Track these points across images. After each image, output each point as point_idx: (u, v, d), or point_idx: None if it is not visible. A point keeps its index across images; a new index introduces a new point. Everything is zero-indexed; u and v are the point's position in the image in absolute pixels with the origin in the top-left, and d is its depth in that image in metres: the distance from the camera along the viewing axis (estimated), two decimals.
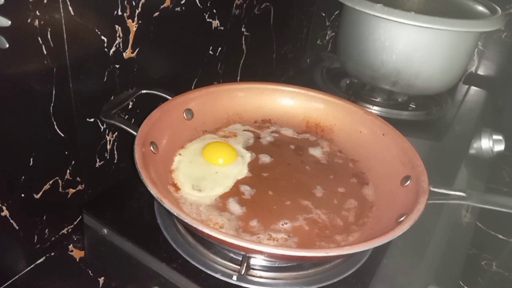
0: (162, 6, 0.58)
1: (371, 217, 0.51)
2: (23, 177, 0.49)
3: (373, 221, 0.51)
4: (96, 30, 0.50)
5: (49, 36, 0.45)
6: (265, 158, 0.59)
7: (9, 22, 0.40)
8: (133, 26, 0.55)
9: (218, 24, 0.71)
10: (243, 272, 0.43)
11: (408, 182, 0.51)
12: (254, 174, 0.56)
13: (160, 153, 0.53)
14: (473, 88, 0.99)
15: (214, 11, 0.68)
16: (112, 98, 0.57)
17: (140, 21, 0.55)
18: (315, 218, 0.50)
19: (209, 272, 0.46)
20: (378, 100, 0.84)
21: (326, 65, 0.97)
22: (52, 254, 0.57)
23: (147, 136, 0.51)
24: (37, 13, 0.43)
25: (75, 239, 0.60)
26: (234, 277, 0.46)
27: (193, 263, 0.47)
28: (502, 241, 0.81)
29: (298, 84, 0.67)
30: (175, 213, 0.41)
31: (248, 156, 0.59)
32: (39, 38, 0.44)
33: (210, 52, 0.73)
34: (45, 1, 0.43)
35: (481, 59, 1.01)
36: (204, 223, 0.43)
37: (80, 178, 0.57)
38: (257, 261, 0.46)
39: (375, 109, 0.82)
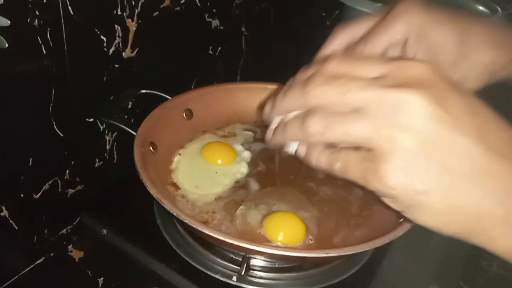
0: (161, 6, 0.58)
1: (372, 217, 0.51)
2: (22, 177, 0.49)
3: (374, 222, 0.50)
4: (96, 30, 0.50)
5: (48, 36, 0.45)
6: (265, 158, 0.59)
7: (9, 22, 0.40)
8: (132, 25, 0.54)
9: (218, 24, 0.70)
10: (243, 273, 0.43)
11: None
12: (254, 173, 0.56)
13: (160, 153, 0.53)
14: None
15: (214, 10, 0.68)
16: (111, 98, 0.56)
17: (139, 21, 0.55)
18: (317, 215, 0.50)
19: (208, 272, 0.46)
20: None
21: None
22: (52, 254, 0.57)
23: (146, 136, 0.51)
24: (37, 12, 0.43)
25: (74, 239, 0.60)
26: (234, 278, 0.46)
27: (193, 263, 0.47)
28: None
29: None
30: (174, 213, 0.41)
31: (247, 155, 0.58)
32: (39, 38, 0.44)
33: (210, 52, 0.72)
34: (44, 1, 0.43)
35: None
36: (203, 223, 0.43)
37: (79, 178, 0.57)
38: (257, 261, 0.46)
39: None
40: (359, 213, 0.52)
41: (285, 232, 0.47)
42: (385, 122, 0.25)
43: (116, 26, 0.52)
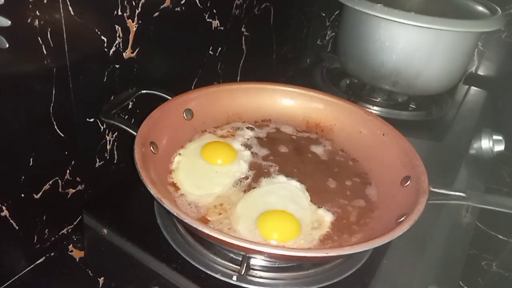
0: (162, 6, 0.58)
1: (372, 217, 0.51)
2: (23, 177, 0.49)
3: (373, 222, 0.50)
4: (96, 30, 0.50)
5: (49, 36, 0.45)
6: (265, 158, 0.59)
7: (9, 22, 0.40)
8: (133, 26, 0.55)
9: (218, 24, 0.71)
10: (243, 273, 0.43)
11: (408, 182, 0.51)
12: (254, 173, 0.56)
13: (160, 153, 0.53)
14: (473, 88, 0.99)
15: (214, 11, 0.68)
16: (112, 98, 0.57)
17: (140, 21, 0.55)
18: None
19: (209, 272, 0.46)
20: (378, 100, 0.84)
21: (326, 65, 0.96)
22: (52, 254, 0.57)
23: (147, 136, 0.51)
24: (37, 13, 0.43)
25: (75, 239, 0.60)
26: (234, 277, 0.46)
27: (193, 263, 0.47)
28: (502, 241, 0.81)
29: (298, 84, 0.67)
30: (174, 213, 0.41)
31: (247, 155, 0.59)
32: (39, 38, 0.44)
33: (210, 52, 0.72)
34: (45, 1, 0.43)
35: (481, 59, 1.01)
36: (203, 223, 0.43)
37: (80, 178, 0.57)
38: (257, 261, 0.46)
39: (375, 109, 0.82)
40: (360, 218, 0.52)
41: (279, 230, 0.47)
42: None
43: (116, 26, 0.52)
